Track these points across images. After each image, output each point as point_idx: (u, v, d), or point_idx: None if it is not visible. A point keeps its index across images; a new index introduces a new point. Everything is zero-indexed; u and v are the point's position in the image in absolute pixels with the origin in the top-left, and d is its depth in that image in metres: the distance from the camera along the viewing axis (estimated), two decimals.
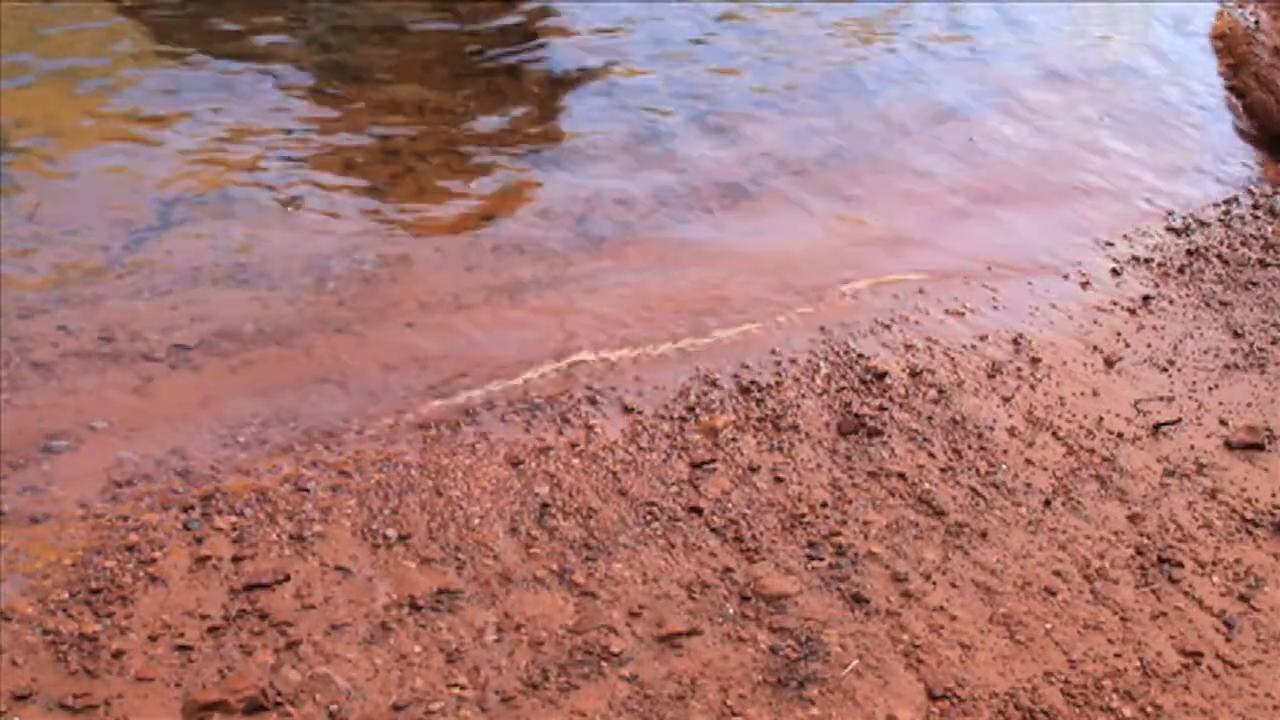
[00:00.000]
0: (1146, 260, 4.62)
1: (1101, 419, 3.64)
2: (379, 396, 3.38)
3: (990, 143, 5.46)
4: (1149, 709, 2.65)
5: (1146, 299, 4.34)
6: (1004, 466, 3.39)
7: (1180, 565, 3.08)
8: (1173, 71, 6.58)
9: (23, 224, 3.87)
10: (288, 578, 2.73)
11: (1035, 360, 3.89)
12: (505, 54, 5.59)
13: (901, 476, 3.30)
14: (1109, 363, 3.94)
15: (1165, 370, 3.94)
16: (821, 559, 2.97)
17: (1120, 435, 3.58)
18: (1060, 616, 2.88)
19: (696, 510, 3.08)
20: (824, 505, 3.15)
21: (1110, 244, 4.72)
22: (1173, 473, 3.44)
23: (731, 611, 2.79)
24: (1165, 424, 3.65)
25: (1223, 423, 3.70)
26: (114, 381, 3.31)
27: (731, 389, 3.57)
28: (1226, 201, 5.20)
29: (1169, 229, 4.90)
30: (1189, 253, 4.70)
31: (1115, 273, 4.51)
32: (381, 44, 5.48)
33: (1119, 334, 4.11)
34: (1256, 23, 6.87)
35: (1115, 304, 4.30)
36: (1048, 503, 3.26)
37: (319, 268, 3.91)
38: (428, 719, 2.44)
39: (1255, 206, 5.19)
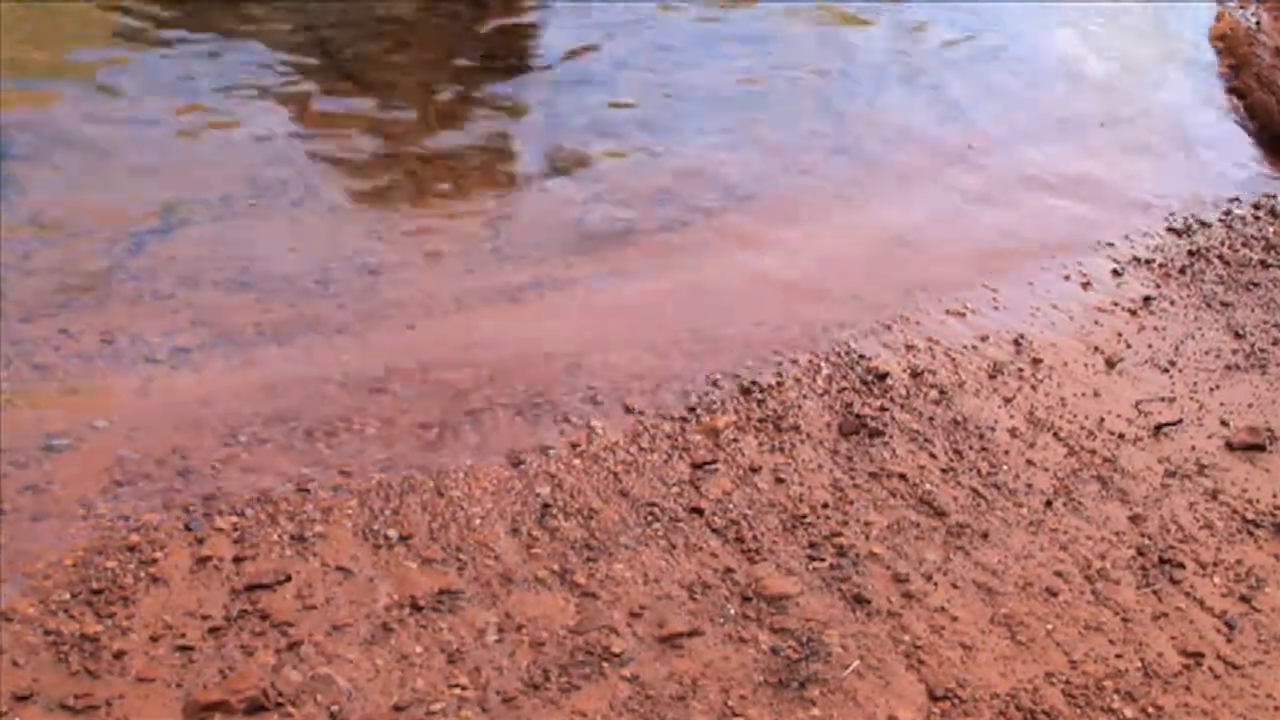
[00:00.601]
0: (1147, 261, 4.62)
1: (1103, 420, 3.64)
2: (380, 397, 3.39)
3: (987, 150, 5.46)
4: (1150, 710, 2.65)
5: (1147, 300, 4.34)
6: (1005, 467, 3.39)
7: (1181, 566, 3.08)
8: (1173, 71, 6.58)
9: (26, 227, 3.88)
10: (289, 578, 2.73)
11: (1036, 361, 3.89)
12: (507, 55, 5.60)
13: (903, 477, 3.30)
14: (1110, 363, 3.94)
15: (1166, 371, 3.94)
16: (823, 559, 2.97)
17: (1121, 436, 3.58)
18: (1061, 617, 2.88)
19: (698, 511, 3.09)
20: (825, 506, 3.15)
21: (1111, 244, 4.72)
22: (1174, 473, 3.44)
23: (733, 612, 2.78)
24: (1166, 425, 3.64)
25: (1224, 423, 3.69)
26: (115, 383, 3.32)
27: (732, 389, 3.57)
28: (1228, 202, 5.20)
29: (1170, 229, 4.90)
30: (1190, 253, 4.70)
31: (1116, 273, 4.50)
32: (383, 44, 5.49)
33: (1120, 335, 4.11)
34: (1258, 24, 6.87)
35: (1116, 304, 4.30)
36: (1049, 503, 3.26)
37: (320, 270, 3.91)
38: (429, 719, 2.44)
39: (1256, 207, 5.19)
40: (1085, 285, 4.40)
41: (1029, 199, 5.07)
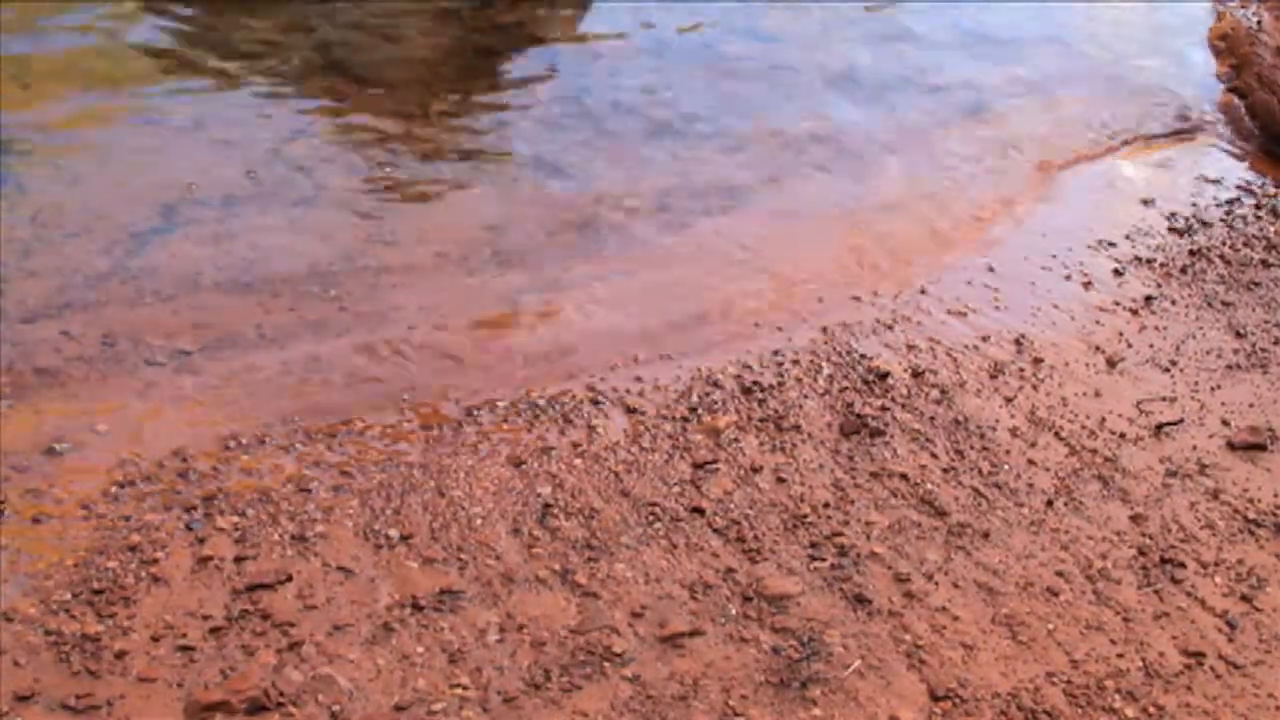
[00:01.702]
0: (1149, 260, 4.61)
1: (1104, 419, 3.64)
2: (381, 398, 3.39)
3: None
4: (1151, 709, 2.65)
5: (1149, 299, 4.34)
6: (1006, 467, 3.38)
7: (1183, 565, 3.08)
8: (1175, 72, 6.57)
9: (26, 227, 3.88)
10: (290, 578, 2.73)
11: (1037, 360, 3.89)
12: (510, 56, 5.60)
13: (904, 477, 3.30)
14: (1111, 363, 3.94)
15: (1167, 370, 3.93)
16: (824, 559, 2.97)
17: (1122, 435, 3.58)
18: (1063, 617, 2.88)
19: (699, 511, 3.09)
20: (826, 506, 3.15)
21: (1112, 244, 4.71)
22: (1175, 473, 3.44)
23: (734, 612, 2.79)
24: (1167, 424, 3.64)
25: (1225, 423, 3.69)
26: (116, 385, 3.32)
27: (734, 389, 3.57)
28: (1229, 202, 5.19)
29: (1171, 229, 4.89)
30: (1191, 253, 4.70)
31: (1117, 273, 4.50)
32: (386, 46, 5.49)
33: (1121, 334, 4.11)
34: (1259, 23, 6.86)
35: (1117, 304, 4.29)
36: (1050, 503, 3.26)
37: (321, 272, 3.91)
38: (430, 719, 2.44)
39: (1258, 207, 5.18)
40: (1086, 285, 4.39)
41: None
